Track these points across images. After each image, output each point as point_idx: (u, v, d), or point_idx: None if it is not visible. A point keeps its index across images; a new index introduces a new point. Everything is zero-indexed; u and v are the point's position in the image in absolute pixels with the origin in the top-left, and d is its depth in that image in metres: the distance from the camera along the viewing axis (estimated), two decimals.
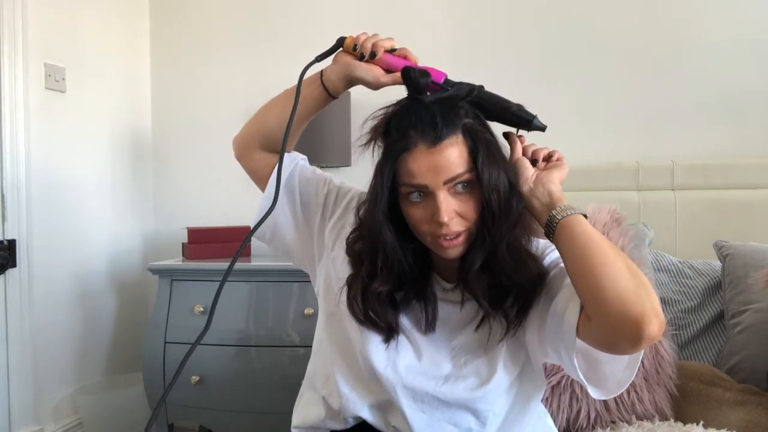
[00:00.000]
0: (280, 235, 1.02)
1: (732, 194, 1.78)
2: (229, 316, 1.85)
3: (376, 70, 0.89)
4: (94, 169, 2.16)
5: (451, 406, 0.85)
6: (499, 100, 0.86)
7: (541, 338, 0.82)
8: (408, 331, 0.88)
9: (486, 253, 0.80)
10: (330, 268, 0.96)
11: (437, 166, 0.77)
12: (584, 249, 0.73)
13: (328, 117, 1.99)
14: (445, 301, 0.89)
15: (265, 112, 0.98)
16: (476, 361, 0.86)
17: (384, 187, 0.80)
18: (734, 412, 1.19)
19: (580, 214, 0.78)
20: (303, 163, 1.03)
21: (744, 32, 1.92)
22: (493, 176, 0.78)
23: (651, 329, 0.65)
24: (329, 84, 0.92)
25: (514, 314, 0.83)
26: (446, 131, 0.77)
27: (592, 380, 0.78)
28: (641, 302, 0.67)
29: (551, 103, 2.02)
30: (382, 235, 0.82)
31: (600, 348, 0.73)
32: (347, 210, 0.97)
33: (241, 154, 1.02)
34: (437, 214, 0.77)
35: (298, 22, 2.29)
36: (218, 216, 2.31)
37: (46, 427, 1.90)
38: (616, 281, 0.69)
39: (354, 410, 0.89)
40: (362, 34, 0.90)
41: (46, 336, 1.92)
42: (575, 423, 1.23)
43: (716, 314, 1.51)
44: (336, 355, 0.93)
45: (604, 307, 0.68)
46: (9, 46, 1.77)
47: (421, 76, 0.83)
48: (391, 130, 0.81)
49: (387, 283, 0.84)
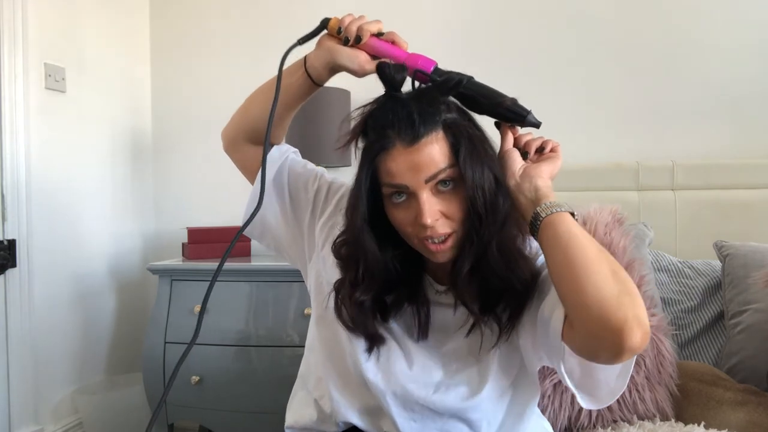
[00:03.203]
0: (270, 232, 0.98)
1: (732, 194, 1.78)
2: (229, 316, 1.85)
3: (361, 57, 0.82)
4: (94, 169, 2.16)
5: (443, 415, 0.82)
6: (491, 92, 0.80)
7: (534, 342, 0.79)
8: (399, 337, 0.85)
9: (475, 255, 0.76)
10: (320, 268, 0.92)
11: (416, 164, 0.73)
12: (566, 250, 0.68)
13: (328, 117, 1.99)
14: (437, 304, 0.86)
15: (249, 102, 0.94)
16: (468, 369, 0.83)
17: (363, 190, 0.76)
18: (734, 412, 1.19)
19: (566, 212, 0.72)
20: (293, 156, 0.99)
21: (744, 33, 1.93)
22: (477, 173, 0.74)
23: (633, 340, 0.61)
24: (313, 71, 0.86)
25: (507, 318, 0.79)
26: (425, 129, 0.73)
27: (585, 387, 0.75)
28: (623, 310, 0.62)
29: (551, 103, 2.02)
30: (362, 242, 0.78)
31: (583, 357, 0.69)
32: (338, 207, 0.93)
33: (228, 147, 0.98)
34: (420, 215, 0.73)
35: (298, 23, 2.27)
36: (218, 216, 2.31)
37: (46, 427, 1.90)
38: (598, 287, 0.64)
39: (344, 415, 0.87)
40: (347, 16, 0.83)
41: (46, 336, 1.91)
42: (576, 421, 1.23)
43: (716, 314, 1.51)
44: (326, 358, 0.90)
45: (584, 313, 0.64)
46: (9, 46, 1.77)
47: (397, 71, 0.77)
48: (369, 130, 0.77)
49: (368, 292, 0.80)
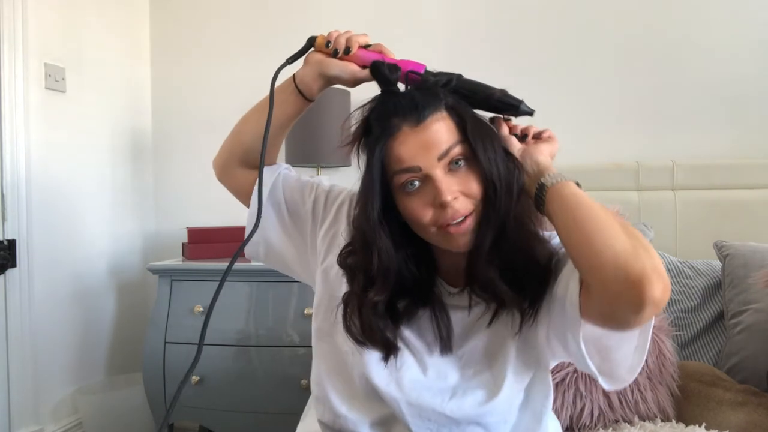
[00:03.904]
0: (275, 252, 0.97)
1: (732, 194, 1.78)
2: (229, 316, 1.85)
3: (351, 66, 0.84)
4: (94, 168, 2.16)
5: (460, 423, 0.80)
6: (481, 86, 0.82)
7: (549, 331, 0.77)
8: (411, 345, 0.83)
9: (494, 231, 0.74)
10: (321, 280, 0.91)
11: (426, 143, 0.73)
12: (575, 212, 0.68)
13: (328, 117, 1.99)
14: (451, 306, 0.83)
15: (241, 126, 0.95)
16: (484, 372, 0.82)
17: (374, 181, 0.75)
18: (734, 412, 1.19)
19: (570, 181, 0.73)
20: (286, 172, 0.99)
21: (744, 32, 1.93)
22: (488, 146, 0.74)
23: (653, 290, 0.59)
24: (303, 87, 0.88)
25: (528, 303, 0.77)
26: (429, 109, 0.74)
27: (604, 371, 0.73)
28: (641, 261, 0.60)
29: (551, 103, 2.01)
30: (376, 238, 0.76)
31: (603, 322, 0.67)
32: (339, 215, 0.92)
33: (221, 174, 0.98)
34: (439, 195, 0.71)
35: (297, 23, 2.29)
36: (218, 216, 2.30)
37: (46, 427, 1.90)
38: (612, 243, 0.63)
39: (355, 429, 0.84)
40: (334, 31, 0.86)
41: (46, 336, 1.91)
42: (578, 421, 1.23)
43: (716, 314, 1.51)
44: (327, 373, 0.87)
45: (601, 272, 0.63)
46: (9, 46, 1.77)
47: (391, 70, 0.79)
48: (372, 124, 0.77)
49: (383, 292, 0.78)
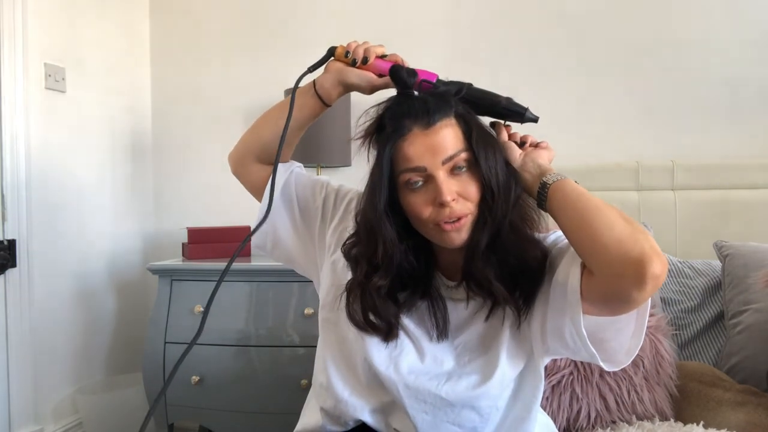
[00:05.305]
0: (282, 245, 1.03)
1: (732, 194, 1.78)
2: (229, 316, 1.85)
3: (369, 75, 0.91)
4: (94, 169, 2.16)
5: (454, 406, 0.85)
6: (488, 94, 0.88)
7: (546, 323, 0.81)
8: (411, 332, 0.88)
9: (490, 234, 0.80)
10: (329, 272, 0.96)
11: (433, 146, 0.78)
12: (577, 203, 0.76)
13: (328, 117, 1.99)
14: (448, 299, 0.89)
15: (261, 124, 1.00)
16: (479, 359, 0.86)
17: (383, 176, 0.81)
18: (734, 412, 1.19)
19: (570, 179, 0.80)
20: (299, 170, 1.05)
21: (744, 32, 1.92)
22: (489, 156, 0.80)
23: (654, 267, 0.66)
24: (323, 92, 0.94)
25: (522, 300, 0.83)
26: (439, 115, 0.80)
27: (603, 357, 0.79)
28: (640, 243, 0.68)
29: (551, 103, 2.02)
30: (381, 227, 0.82)
31: (607, 303, 0.73)
32: (347, 212, 0.97)
33: (237, 169, 1.04)
34: (439, 195, 0.77)
35: (297, 25, 2.29)
36: (218, 216, 2.31)
37: (46, 427, 1.90)
38: (613, 228, 0.70)
39: (355, 414, 0.89)
40: (353, 42, 0.92)
41: (46, 336, 1.91)
42: (575, 423, 1.23)
43: (716, 314, 1.51)
44: (332, 360, 0.92)
45: (604, 254, 0.70)
46: (9, 46, 1.77)
47: (409, 75, 0.86)
48: (385, 122, 0.82)
49: (386, 277, 0.83)
